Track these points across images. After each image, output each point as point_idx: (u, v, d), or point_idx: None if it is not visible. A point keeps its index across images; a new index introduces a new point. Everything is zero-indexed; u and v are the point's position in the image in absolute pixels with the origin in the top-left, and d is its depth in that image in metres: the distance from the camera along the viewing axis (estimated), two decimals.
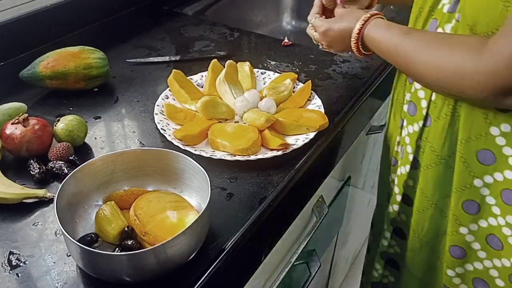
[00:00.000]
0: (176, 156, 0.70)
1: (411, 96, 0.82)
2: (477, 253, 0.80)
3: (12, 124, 0.79)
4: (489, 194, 0.74)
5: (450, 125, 0.75)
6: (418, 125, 0.81)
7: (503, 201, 0.73)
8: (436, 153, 0.78)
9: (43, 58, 0.96)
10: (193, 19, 1.35)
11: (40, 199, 0.73)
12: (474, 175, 0.74)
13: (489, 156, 0.72)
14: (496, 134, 0.70)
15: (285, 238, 0.88)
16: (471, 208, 0.77)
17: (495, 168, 0.72)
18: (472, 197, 0.76)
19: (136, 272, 0.60)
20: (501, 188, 0.72)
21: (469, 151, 0.73)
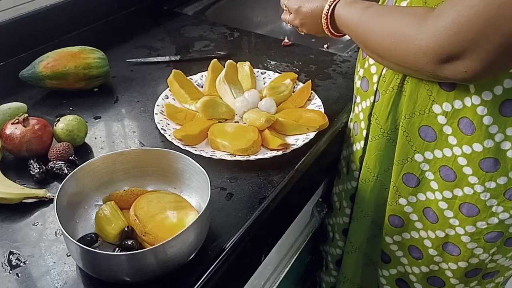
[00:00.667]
0: (176, 156, 0.70)
1: (364, 72, 0.84)
2: (414, 223, 0.84)
3: (12, 124, 0.79)
4: (428, 170, 0.77)
5: (395, 99, 0.76)
6: (369, 100, 0.82)
7: (441, 177, 0.76)
8: (380, 126, 0.81)
9: (43, 58, 0.96)
10: (193, 19, 1.35)
11: (40, 199, 0.73)
12: (415, 150, 0.77)
13: (430, 132, 0.74)
14: (438, 112, 0.72)
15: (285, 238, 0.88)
16: (410, 181, 0.80)
17: (435, 145, 0.74)
18: (412, 170, 0.79)
19: (136, 272, 0.60)
20: (440, 165, 0.75)
21: (412, 126, 0.75)
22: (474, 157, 0.71)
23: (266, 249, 0.80)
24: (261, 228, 0.73)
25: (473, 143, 0.70)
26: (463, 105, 0.69)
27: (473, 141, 0.70)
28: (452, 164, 0.74)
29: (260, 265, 0.79)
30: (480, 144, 0.70)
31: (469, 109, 0.69)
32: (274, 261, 0.92)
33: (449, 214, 0.78)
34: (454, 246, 0.80)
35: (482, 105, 0.67)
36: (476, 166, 0.72)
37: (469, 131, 0.70)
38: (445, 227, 0.79)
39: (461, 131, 0.71)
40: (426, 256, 0.85)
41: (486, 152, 0.70)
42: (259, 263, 0.78)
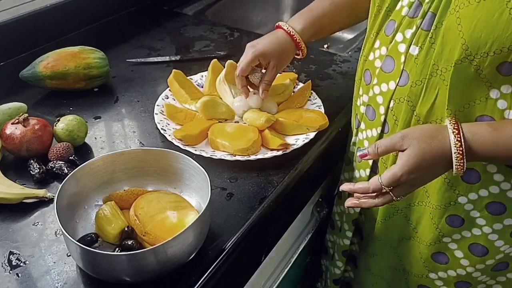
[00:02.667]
0: (176, 156, 0.70)
1: (369, 99, 0.79)
2: (459, 260, 0.80)
3: (12, 124, 0.79)
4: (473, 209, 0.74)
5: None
6: (376, 130, 0.78)
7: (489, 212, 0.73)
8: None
9: (43, 58, 0.96)
10: (193, 19, 1.35)
11: (40, 199, 0.73)
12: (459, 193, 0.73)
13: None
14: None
15: (285, 238, 0.88)
16: (455, 222, 0.76)
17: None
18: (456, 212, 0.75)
19: (136, 272, 0.60)
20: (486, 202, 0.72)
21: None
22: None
23: (266, 249, 0.80)
24: (261, 228, 0.73)
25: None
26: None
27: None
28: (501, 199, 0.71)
29: (260, 265, 0.79)
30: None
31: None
32: (274, 261, 0.92)
33: (500, 243, 0.75)
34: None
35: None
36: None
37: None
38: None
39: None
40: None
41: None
42: (259, 263, 0.78)
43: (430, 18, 0.67)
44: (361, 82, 0.83)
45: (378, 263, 0.92)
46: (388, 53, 0.74)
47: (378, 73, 0.76)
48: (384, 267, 0.92)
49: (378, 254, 0.91)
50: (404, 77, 0.72)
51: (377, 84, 0.77)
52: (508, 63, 0.61)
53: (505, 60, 0.61)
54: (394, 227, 0.85)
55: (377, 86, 0.76)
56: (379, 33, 0.76)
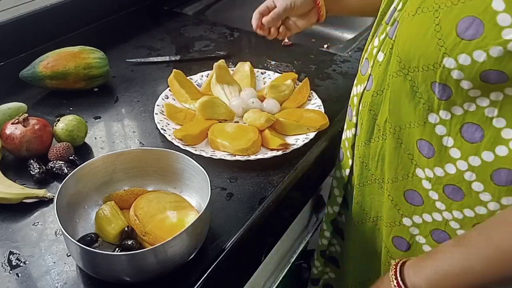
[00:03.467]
0: (176, 156, 0.70)
1: (350, 100, 0.79)
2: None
3: (12, 124, 0.79)
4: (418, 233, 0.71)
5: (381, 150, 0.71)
6: (351, 131, 0.78)
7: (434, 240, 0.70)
8: (371, 173, 0.75)
9: (43, 58, 0.96)
10: (193, 19, 1.35)
11: (40, 199, 0.73)
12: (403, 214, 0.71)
13: (417, 197, 0.69)
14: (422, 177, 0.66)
15: (285, 238, 0.88)
16: (401, 245, 0.74)
17: (423, 209, 0.69)
18: (402, 234, 0.73)
19: (136, 272, 0.60)
20: (430, 229, 0.69)
21: (397, 190, 0.70)
22: (467, 221, 0.65)
23: (266, 249, 0.79)
24: (261, 228, 0.73)
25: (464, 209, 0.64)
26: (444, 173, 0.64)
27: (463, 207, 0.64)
28: (445, 227, 0.67)
29: (260, 265, 0.79)
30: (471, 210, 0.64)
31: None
32: (274, 261, 0.92)
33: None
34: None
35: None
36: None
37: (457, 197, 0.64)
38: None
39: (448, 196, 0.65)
40: None
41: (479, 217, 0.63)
42: (259, 263, 0.78)
43: (396, 26, 0.65)
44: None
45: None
46: (367, 56, 0.73)
47: (358, 75, 0.77)
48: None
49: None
50: (370, 81, 0.71)
51: (355, 85, 0.77)
52: (438, 83, 0.59)
53: (435, 80, 0.59)
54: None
55: (355, 87, 0.77)
56: (373, 36, 0.75)
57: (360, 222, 0.82)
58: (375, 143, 0.71)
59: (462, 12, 0.54)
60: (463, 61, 0.55)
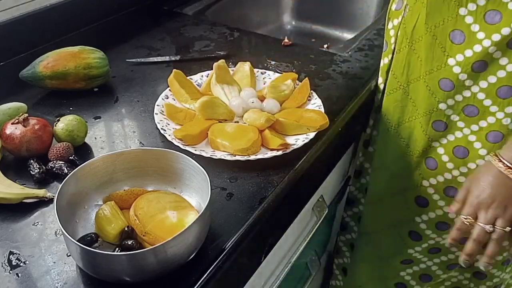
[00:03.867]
0: (176, 156, 0.70)
1: (385, 35, 1.00)
2: (446, 164, 0.94)
3: (12, 124, 0.79)
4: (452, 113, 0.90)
5: (407, 56, 0.92)
6: (388, 58, 0.98)
7: (465, 115, 0.89)
8: (397, 80, 0.96)
9: (43, 58, 0.96)
10: (193, 19, 1.35)
11: (40, 199, 0.73)
12: (439, 100, 0.90)
13: (449, 83, 0.88)
14: (452, 64, 0.87)
15: (285, 238, 0.88)
16: (440, 127, 0.92)
17: (455, 92, 0.89)
18: (440, 117, 0.91)
19: (136, 272, 0.60)
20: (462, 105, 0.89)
21: (433, 80, 0.90)
22: (491, 88, 0.84)
23: (266, 249, 0.80)
24: (261, 228, 0.73)
25: (488, 76, 0.83)
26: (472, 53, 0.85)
27: (488, 74, 0.83)
28: (473, 101, 0.86)
29: (260, 265, 0.79)
30: (494, 76, 0.83)
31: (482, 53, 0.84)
32: (274, 261, 0.92)
33: (478, 145, 0.89)
34: None
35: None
36: (494, 96, 0.84)
37: (482, 69, 0.84)
38: (476, 159, 0.90)
39: (473, 71, 0.85)
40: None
41: (500, 81, 0.83)
42: (259, 263, 0.78)
43: None
44: None
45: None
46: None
47: (390, 11, 1.00)
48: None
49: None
50: (406, 11, 0.92)
51: (391, 20, 0.99)
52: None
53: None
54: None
55: (391, 22, 0.99)
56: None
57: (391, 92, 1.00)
58: (402, 52, 0.93)
59: None
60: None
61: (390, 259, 1.09)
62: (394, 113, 0.98)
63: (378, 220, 1.09)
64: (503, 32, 0.79)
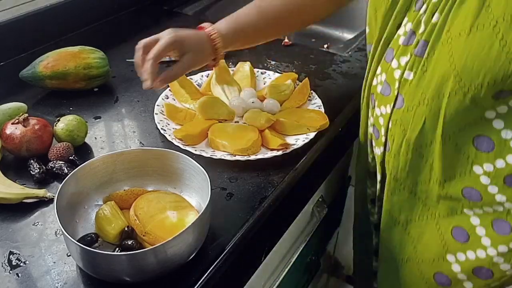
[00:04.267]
0: (176, 156, 0.70)
1: (374, 120, 0.80)
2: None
3: (12, 124, 0.79)
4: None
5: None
6: (379, 149, 0.80)
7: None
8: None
9: (43, 58, 0.96)
10: (193, 19, 1.35)
11: (40, 199, 0.73)
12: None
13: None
14: (480, 173, 0.69)
15: (285, 238, 0.88)
16: (460, 236, 0.75)
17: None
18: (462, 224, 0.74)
19: (136, 272, 0.60)
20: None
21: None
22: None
23: (266, 249, 0.79)
24: (261, 228, 0.73)
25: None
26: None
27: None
28: (506, 217, 0.70)
29: (260, 265, 0.79)
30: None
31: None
32: (274, 261, 0.92)
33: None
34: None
35: None
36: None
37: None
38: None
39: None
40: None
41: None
42: (259, 263, 0.78)
43: (423, 46, 0.68)
44: (368, 105, 0.84)
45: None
46: (386, 79, 0.75)
47: (379, 97, 0.78)
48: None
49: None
50: (400, 100, 0.73)
51: (377, 106, 0.78)
52: (505, 91, 0.62)
53: (502, 89, 0.61)
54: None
55: (378, 108, 0.78)
56: (380, 60, 0.77)
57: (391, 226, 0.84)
58: (404, 157, 0.74)
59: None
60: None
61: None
62: (401, 211, 0.81)
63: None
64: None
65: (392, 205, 0.81)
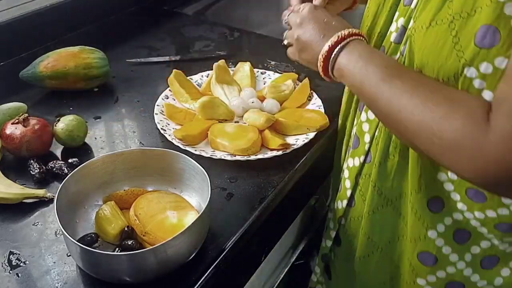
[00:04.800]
0: (176, 156, 0.70)
1: (356, 129, 0.76)
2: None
3: (12, 124, 0.79)
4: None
5: (398, 167, 0.70)
6: (359, 159, 0.75)
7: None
8: (384, 196, 0.73)
9: (43, 58, 0.96)
10: (193, 19, 1.35)
11: (40, 199, 0.73)
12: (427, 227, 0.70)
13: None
14: (444, 179, 0.66)
15: (285, 238, 0.88)
16: (427, 260, 0.72)
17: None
18: (427, 248, 0.71)
19: (136, 272, 0.60)
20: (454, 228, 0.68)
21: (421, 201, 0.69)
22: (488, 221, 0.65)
23: (266, 249, 0.80)
24: (261, 228, 0.73)
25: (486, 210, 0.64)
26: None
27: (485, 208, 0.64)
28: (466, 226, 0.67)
29: (260, 265, 0.79)
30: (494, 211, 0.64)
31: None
32: (274, 261, 0.92)
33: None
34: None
35: None
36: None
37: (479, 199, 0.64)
38: None
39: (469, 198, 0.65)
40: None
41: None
42: (259, 263, 0.78)
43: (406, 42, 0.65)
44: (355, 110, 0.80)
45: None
46: None
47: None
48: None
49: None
50: None
51: (365, 110, 0.75)
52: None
53: (456, 88, 0.58)
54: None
55: (365, 112, 0.74)
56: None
57: (367, 256, 0.79)
58: (391, 161, 0.71)
59: (479, 21, 0.54)
60: (485, 69, 0.54)
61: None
62: (383, 232, 0.77)
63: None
64: None
65: (372, 228, 0.77)
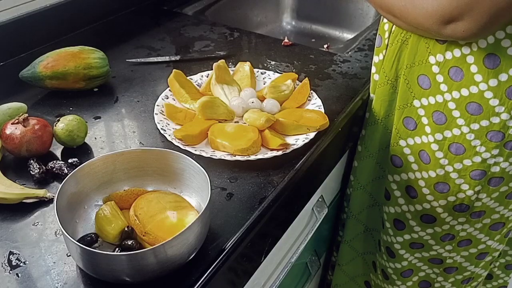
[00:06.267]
0: (176, 156, 0.70)
1: (379, 30, 0.98)
2: (411, 164, 0.95)
3: (12, 124, 0.79)
4: (424, 115, 0.89)
5: (399, 51, 0.90)
6: (382, 54, 0.96)
7: (434, 121, 0.87)
8: (385, 75, 0.94)
9: (43, 58, 0.96)
10: (193, 19, 1.35)
11: (40, 199, 0.73)
12: (414, 96, 0.89)
13: (426, 81, 0.86)
14: (433, 62, 0.84)
15: (285, 238, 0.88)
16: (410, 124, 0.92)
17: (430, 92, 0.86)
18: (411, 114, 0.91)
19: (136, 272, 0.60)
20: (433, 110, 0.87)
21: (412, 75, 0.88)
22: (462, 101, 0.83)
23: (266, 249, 0.80)
24: (261, 228, 0.73)
25: (461, 89, 0.82)
26: (452, 56, 0.81)
27: (461, 87, 0.82)
28: (443, 108, 0.85)
29: (260, 265, 0.79)
30: (467, 89, 0.81)
31: (459, 59, 0.81)
32: (274, 261, 0.92)
33: (440, 155, 0.89)
34: (444, 184, 0.91)
35: (470, 55, 0.79)
36: (463, 109, 0.83)
37: (458, 78, 0.82)
38: (437, 167, 0.90)
39: (451, 78, 0.83)
40: (420, 195, 0.95)
41: (471, 97, 0.82)
42: (259, 263, 0.78)
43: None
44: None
45: (362, 170, 1.09)
46: None
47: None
48: (367, 176, 1.09)
49: (363, 159, 1.08)
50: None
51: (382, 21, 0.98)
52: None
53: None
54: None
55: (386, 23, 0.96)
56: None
57: (371, 124, 1.02)
58: (394, 46, 0.91)
59: None
60: None
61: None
62: (381, 107, 0.98)
63: (363, 201, 1.13)
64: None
65: (376, 99, 1.00)
